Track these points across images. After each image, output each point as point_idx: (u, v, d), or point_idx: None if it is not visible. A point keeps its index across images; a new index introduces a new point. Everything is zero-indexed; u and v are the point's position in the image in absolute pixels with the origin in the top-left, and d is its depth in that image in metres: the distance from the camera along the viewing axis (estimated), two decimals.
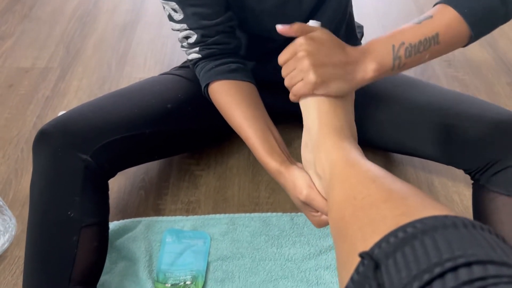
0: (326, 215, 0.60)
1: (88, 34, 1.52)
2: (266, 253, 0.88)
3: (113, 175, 0.82)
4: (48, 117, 1.19)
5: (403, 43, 0.61)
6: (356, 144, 0.57)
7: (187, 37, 0.79)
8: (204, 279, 0.84)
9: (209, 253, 0.88)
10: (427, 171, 1.05)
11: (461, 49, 1.45)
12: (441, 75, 1.35)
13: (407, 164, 1.07)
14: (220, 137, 1.09)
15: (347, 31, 0.96)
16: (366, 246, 0.34)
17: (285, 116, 0.94)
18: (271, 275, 0.85)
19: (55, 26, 1.55)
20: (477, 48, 1.46)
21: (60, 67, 1.37)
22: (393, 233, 0.33)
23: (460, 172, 0.86)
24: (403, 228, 0.33)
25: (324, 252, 0.88)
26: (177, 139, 0.92)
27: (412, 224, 0.33)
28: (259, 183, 1.03)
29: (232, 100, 0.76)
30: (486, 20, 0.65)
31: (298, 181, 0.64)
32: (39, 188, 0.74)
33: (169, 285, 0.83)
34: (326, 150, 0.56)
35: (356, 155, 0.53)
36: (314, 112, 0.60)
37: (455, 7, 0.63)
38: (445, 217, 0.33)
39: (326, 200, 0.60)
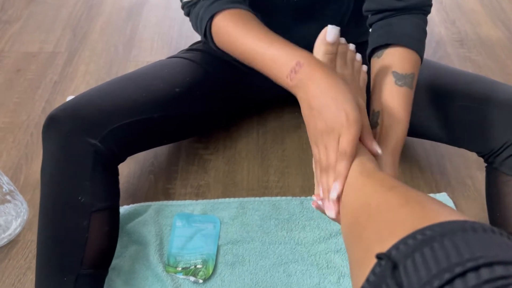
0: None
1: (95, 17, 1.50)
2: (276, 237, 0.88)
3: (123, 160, 0.82)
4: (57, 102, 1.18)
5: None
6: (369, 157, 0.57)
7: None
8: (214, 263, 0.84)
9: (219, 237, 0.88)
10: (438, 154, 1.04)
11: (473, 28, 1.43)
12: (453, 56, 1.32)
13: (418, 147, 1.05)
14: (228, 121, 1.09)
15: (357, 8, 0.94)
16: (383, 248, 0.34)
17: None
18: (281, 259, 0.85)
19: (62, 10, 1.54)
20: (490, 27, 1.43)
21: (68, 51, 1.36)
22: (412, 235, 0.33)
23: (472, 155, 0.85)
24: (421, 231, 0.33)
25: (334, 235, 0.88)
26: (186, 123, 0.92)
27: (430, 227, 0.33)
28: (268, 167, 1.02)
29: (242, 27, 0.70)
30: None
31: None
32: (49, 173, 0.74)
33: (180, 268, 0.83)
34: None
35: (370, 167, 0.54)
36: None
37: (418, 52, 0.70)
38: (464, 221, 0.33)
39: None
